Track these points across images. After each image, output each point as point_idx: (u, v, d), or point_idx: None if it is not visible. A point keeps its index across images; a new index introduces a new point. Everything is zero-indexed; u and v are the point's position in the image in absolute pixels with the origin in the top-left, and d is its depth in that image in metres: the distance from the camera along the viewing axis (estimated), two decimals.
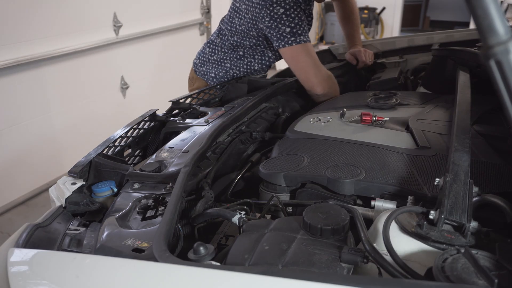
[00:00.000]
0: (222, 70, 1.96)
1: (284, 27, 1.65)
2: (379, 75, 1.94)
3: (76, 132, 3.25)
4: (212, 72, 1.99)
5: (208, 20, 4.57)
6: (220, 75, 1.97)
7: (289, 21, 1.65)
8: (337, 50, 2.27)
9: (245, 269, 0.63)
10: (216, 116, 1.43)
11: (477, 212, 0.74)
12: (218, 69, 1.97)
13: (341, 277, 0.61)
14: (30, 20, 2.77)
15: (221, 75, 1.97)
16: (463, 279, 0.59)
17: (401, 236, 0.75)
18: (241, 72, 1.94)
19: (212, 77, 2.00)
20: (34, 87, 2.91)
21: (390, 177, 0.97)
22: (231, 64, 1.93)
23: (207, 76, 2.01)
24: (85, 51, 3.20)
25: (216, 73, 1.98)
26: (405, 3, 7.59)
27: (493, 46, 0.51)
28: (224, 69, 1.95)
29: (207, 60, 1.99)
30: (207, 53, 1.99)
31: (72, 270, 0.68)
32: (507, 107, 0.54)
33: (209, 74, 2.00)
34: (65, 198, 1.00)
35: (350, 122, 1.32)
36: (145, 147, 1.43)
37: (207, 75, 2.01)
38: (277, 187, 1.06)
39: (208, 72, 2.00)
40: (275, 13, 1.65)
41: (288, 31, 1.66)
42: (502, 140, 1.09)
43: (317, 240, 0.73)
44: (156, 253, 0.68)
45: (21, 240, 0.79)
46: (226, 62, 1.94)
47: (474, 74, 1.43)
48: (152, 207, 0.93)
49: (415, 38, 2.26)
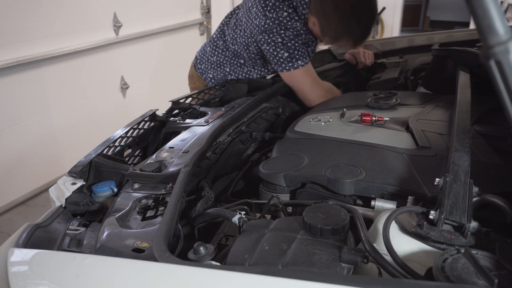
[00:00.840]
0: (221, 73, 1.95)
1: (283, 52, 1.65)
2: (379, 75, 1.94)
3: (76, 132, 3.26)
4: (211, 73, 1.98)
5: (208, 20, 4.57)
6: (218, 77, 1.96)
7: (287, 48, 1.64)
8: (337, 50, 2.27)
9: (245, 269, 0.63)
10: (216, 116, 1.43)
11: (477, 212, 0.74)
12: (217, 71, 1.96)
13: (341, 277, 0.61)
14: (30, 20, 2.78)
15: (220, 77, 1.96)
16: (463, 279, 0.59)
17: (401, 236, 0.75)
18: (240, 78, 1.94)
19: (210, 78, 1.99)
20: (34, 87, 2.91)
21: (390, 177, 0.97)
22: (231, 69, 1.92)
23: (205, 75, 2.00)
24: (85, 51, 3.20)
25: (215, 74, 1.97)
26: (405, 3, 7.58)
27: (493, 46, 0.51)
28: (223, 73, 1.95)
29: (207, 59, 1.98)
30: (207, 52, 1.98)
31: (72, 270, 0.68)
32: (507, 107, 0.54)
33: (207, 74, 1.99)
34: (65, 198, 1.00)
35: (350, 122, 1.32)
36: (145, 147, 1.43)
37: (205, 74, 2.00)
38: (277, 187, 1.06)
39: (207, 71, 1.99)
40: (272, 40, 1.64)
41: (286, 56, 1.65)
42: (502, 140, 1.09)
43: (317, 240, 0.73)
44: (156, 253, 0.68)
45: (21, 240, 0.79)
46: (226, 66, 1.93)
47: (474, 74, 1.43)
48: (152, 207, 0.93)
49: (415, 38, 2.25)
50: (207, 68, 1.98)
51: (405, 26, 7.80)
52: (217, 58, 1.93)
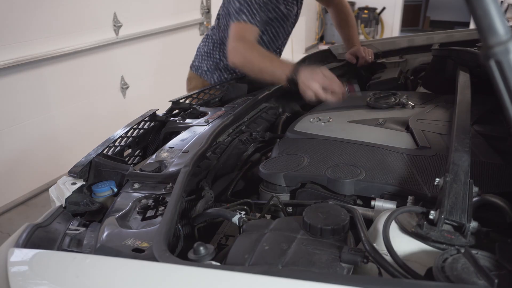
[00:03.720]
0: (213, 62, 1.98)
1: (235, 2, 1.61)
2: (379, 75, 1.94)
3: (76, 132, 3.26)
4: (204, 65, 2.01)
5: (208, 20, 4.57)
6: (211, 68, 1.99)
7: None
8: (337, 50, 2.27)
9: (245, 269, 0.63)
10: (216, 116, 1.43)
11: (477, 212, 0.74)
12: (208, 61, 1.99)
13: (341, 277, 0.61)
14: (30, 20, 2.78)
15: (213, 67, 1.99)
16: (463, 279, 0.59)
17: (401, 236, 0.75)
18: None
19: (205, 71, 2.02)
20: (34, 87, 2.91)
21: (390, 177, 0.97)
22: (220, 55, 1.95)
23: (201, 70, 2.03)
24: (85, 51, 3.20)
25: (208, 66, 2.00)
26: (405, 3, 7.59)
27: (493, 46, 0.51)
28: (214, 61, 1.97)
29: (199, 53, 2.03)
30: (200, 47, 2.04)
31: (72, 270, 0.68)
32: (507, 107, 0.54)
33: (202, 68, 2.03)
34: (65, 198, 1.00)
35: (350, 122, 1.32)
36: (145, 147, 1.43)
37: (200, 69, 2.03)
38: (277, 187, 1.06)
39: (201, 66, 2.03)
40: None
41: (237, 6, 1.60)
42: (502, 140, 1.09)
43: (317, 240, 0.73)
44: (156, 253, 0.68)
45: (21, 240, 0.79)
46: (215, 53, 1.96)
47: (474, 74, 1.43)
48: (152, 207, 0.93)
49: (415, 38, 2.25)
50: (200, 63, 2.03)
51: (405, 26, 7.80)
52: (207, 48, 1.98)
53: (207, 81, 2.03)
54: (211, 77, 2.01)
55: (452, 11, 8.90)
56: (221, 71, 1.99)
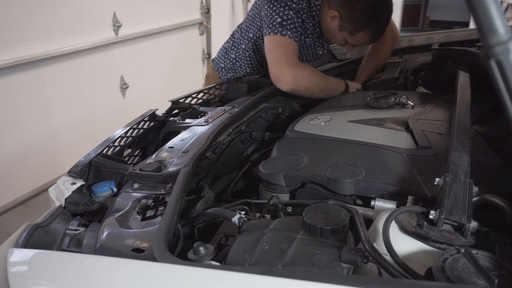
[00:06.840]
0: (229, 61, 2.02)
1: (276, 17, 1.66)
2: (379, 75, 1.94)
3: (76, 132, 3.26)
4: (222, 61, 2.06)
5: (208, 20, 4.57)
6: (228, 66, 2.03)
7: (282, 14, 1.66)
8: (337, 50, 2.27)
9: (245, 269, 0.63)
10: (216, 116, 1.43)
11: (477, 212, 0.74)
12: (225, 59, 2.04)
13: (341, 277, 0.61)
14: (30, 20, 2.78)
15: (229, 66, 2.03)
16: (463, 279, 0.59)
17: (401, 236, 0.75)
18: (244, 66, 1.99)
19: (222, 68, 2.06)
20: (34, 87, 2.91)
21: (390, 177, 0.97)
22: (236, 55, 1.99)
23: (218, 66, 2.08)
24: (85, 51, 3.20)
25: (225, 63, 2.04)
26: (405, 3, 7.57)
27: (493, 46, 0.51)
28: (230, 60, 2.02)
29: (222, 48, 2.08)
30: (224, 43, 2.08)
31: (72, 270, 0.68)
32: (507, 107, 0.54)
33: (219, 64, 2.07)
34: (65, 198, 1.00)
35: (350, 122, 1.32)
36: (144, 147, 1.43)
37: (218, 64, 2.08)
38: (277, 187, 1.06)
39: (220, 61, 2.07)
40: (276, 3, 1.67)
41: (279, 21, 1.66)
42: (502, 140, 1.09)
43: (317, 240, 0.73)
44: (156, 253, 0.68)
45: (21, 240, 0.79)
46: (232, 52, 2.00)
47: (474, 74, 1.43)
48: (152, 207, 0.93)
49: (415, 38, 2.25)
50: (219, 57, 2.08)
51: (404, 26, 7.79)
52: (228, 45, 2.04)
53: (222, 79, 2.07)
54: (225, 75, 2.06)
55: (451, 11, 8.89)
56: (235, 72, 2.03)
